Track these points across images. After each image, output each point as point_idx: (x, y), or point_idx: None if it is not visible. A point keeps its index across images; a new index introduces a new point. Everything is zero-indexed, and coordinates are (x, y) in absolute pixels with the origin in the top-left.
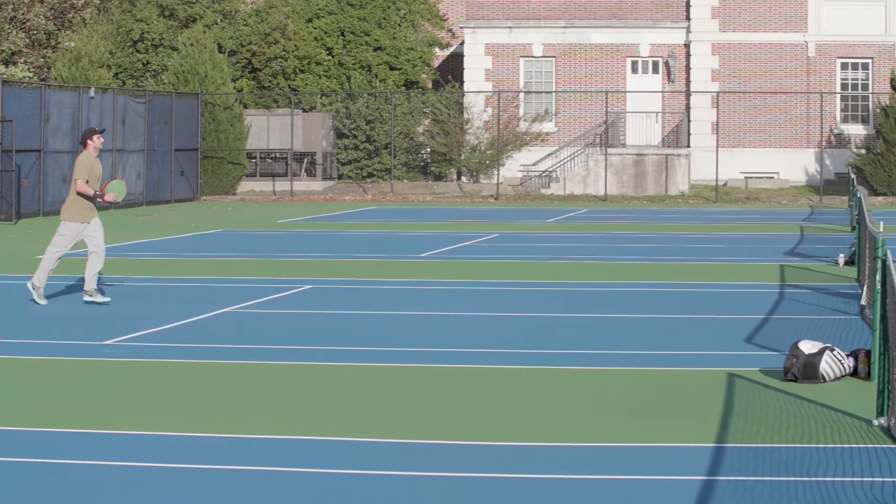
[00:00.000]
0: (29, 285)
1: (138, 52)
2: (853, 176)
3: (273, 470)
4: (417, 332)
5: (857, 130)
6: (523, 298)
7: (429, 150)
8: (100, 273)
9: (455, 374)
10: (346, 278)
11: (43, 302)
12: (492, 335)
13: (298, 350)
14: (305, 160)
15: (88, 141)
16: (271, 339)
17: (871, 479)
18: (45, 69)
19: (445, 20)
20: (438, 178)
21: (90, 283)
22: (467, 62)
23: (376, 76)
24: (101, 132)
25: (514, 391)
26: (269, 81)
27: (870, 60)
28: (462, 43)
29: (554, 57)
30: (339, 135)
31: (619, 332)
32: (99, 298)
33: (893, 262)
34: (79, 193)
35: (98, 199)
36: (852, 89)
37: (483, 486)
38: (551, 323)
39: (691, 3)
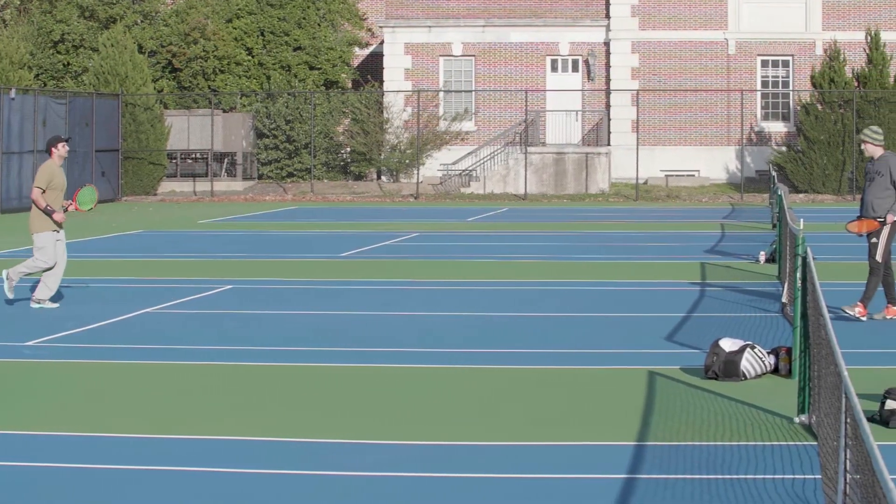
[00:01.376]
0: (33, 304)
1: (59, 52)
2: (774, 173)
3: (185, 470)
4: (337, 331)
5: (777, 128)
6: (443, 297)
7: (349, 149)
8: (31, 275)
9: (375, 373)
10: (267, 278)
11: (10, 295)
12: (412, 334)
13: (219, 350)
14: (226, 160)
15: (53, 149)
16: (192, 340)
17: (792, 476)
18: None
19: (365, 20)
20: (358, 177)
21: (14, 274)
22: (387, 61)
23: (296, 76)
24: (67, 140)
25: (436, 391)
26: (190, 82)
27: (790, 58)
28: (382, 42)
29: (473, 56)
30: (259, 135)
31: (538, 330)
32: (46, 305)
33: (813, 259)
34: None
35: (51, 212)
36: (773, 87)
37: (405, 485)
38: (472, 322)
39: (611, 1)
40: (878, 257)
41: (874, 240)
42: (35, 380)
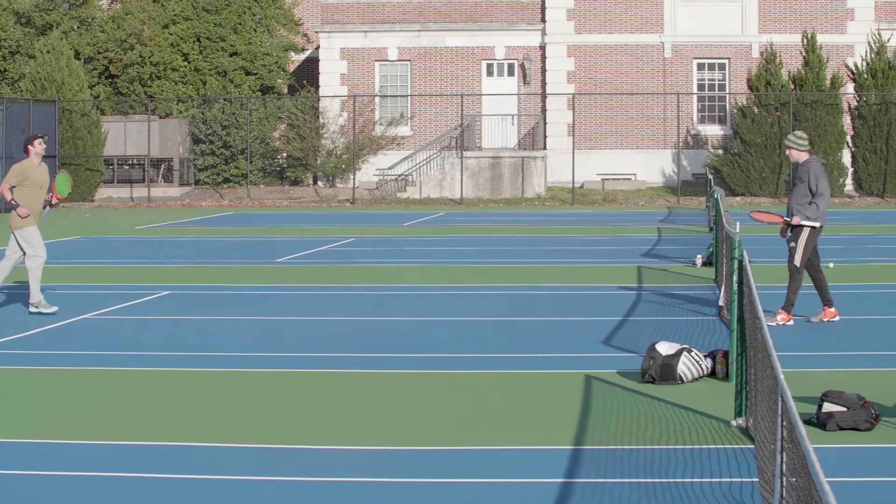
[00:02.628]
0: (31, 308)
1: None
2: (710, 177)
3: (118, 476)
4: (273, 336)
5: (714, 131)
6: (380, 302)
7: (285, 154)
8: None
9: (312, 378)
10: (204, 284)
11: (52, 309)
12: (349, 340)
13: (156, 356)
14: (162, 166)
15: (29, 147)
16: (129, 346)
17: (729, 479)
18: None
19: (300, 25)
20: (295, 182)
21: (35, 298)
22: (323, 67)
23: (232, 81)
24: (43, 137)
25: (372, 395)
26: (127, 88)
27: (726, 61)
28: (317, 47)
29: (409, 60)
30: (196, 140)
31: (475, 335)
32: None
33: (750, 262)
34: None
35: (15, 206)
36: (709, 90)
37: (339, 490)
38: (409, 327)
39: (546, 4)
40: (797, 262)
41: (792, 244)
42: None
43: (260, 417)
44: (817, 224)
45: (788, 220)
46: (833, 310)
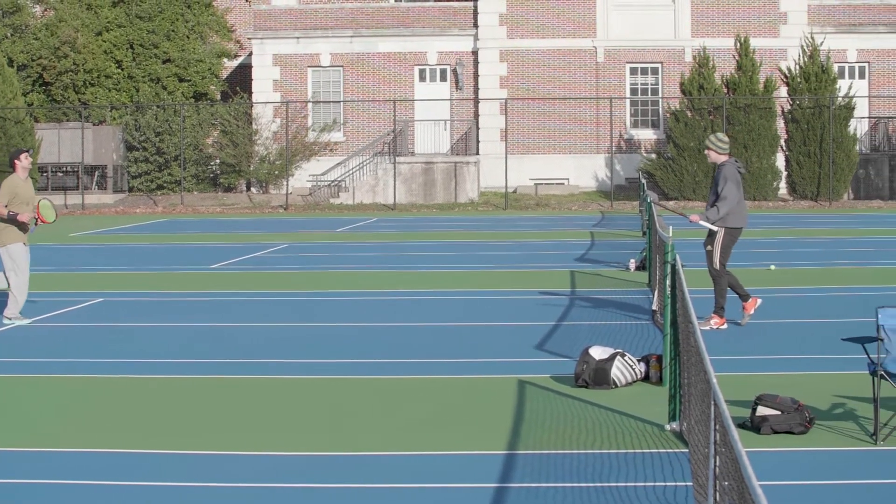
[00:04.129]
0: (4, 320)
1: None
2: (644, 181)
3: (55, 483)
4: (207, 343)
5: (647, 135)
6: (313, 308)
7: (218, 161)
8: None
9: (246, 384)
10: (138, 290)
11: (26, 321)
12: (282, 346)
13: (90, 363)
14: (96, 173)
15: (16, 161)
16: (63, 353)
17: (663, 483)
18: None
19: (233, 31)
20: (228, 189)
21: (11, 312)
22: (255, 73)
23: (165, 88)
24: (28, 151)
25: (305, 401)
26: (60, 95)
27: (659, 65)
28: (250, 54)
29: (342, 66)
30: (130, 147)
31: (408, 340)
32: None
33: (683, 266)
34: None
35: (14, 215)
36: (642, 94)
37: (273, 496)
38: (341, 333)
39: (479, 10)
40: (716, 265)
41: (709, 247)
42: None
43: (192, 424)
44: (713, 226)
45: (686, 215)
46: (751, 301)
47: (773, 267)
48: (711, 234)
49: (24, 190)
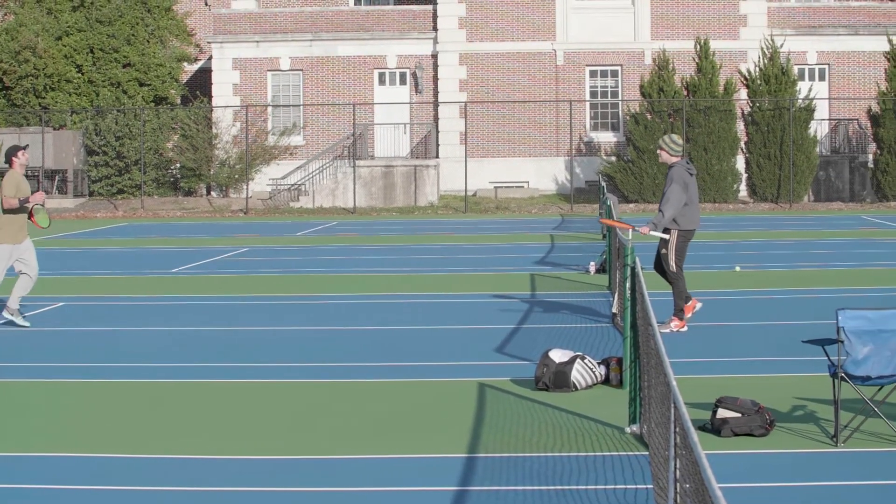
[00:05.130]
0: (4, 313)
1: None
2: (603, 184)
3: (15, 487)
4: (169, 347)
5: (607, 138)
6: (273, 312)
7: (178, 165)
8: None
9: (207, 388)
10: (98, 295)
11: (26, 323)
12: (243, 349)
13: (50, 367)
14: (57, 177)
15: (14, 158)
16: (23, 357)
17: (623, 486)
18: None
19: (193, 35)
20: (188, 193)
21: (14, 303)
22: (215, 77)
23: (125, 92)
24: (25, 148)
25: (265, 405)
26: (21, 99)
27: (619, 68)
28: (210, 58)
29: (301, 70)
30: (90, 152)
31: (368, 343)
32: (19, 320)
33: (643, 269)
34: (6, 211)
35: (25, 200)
36: (602, 97)
37: (236, 499)
38: (301, 336)
39: (438, 13)
40: (672, 267)
41: (663, 251)
42: None
43: (153, 428)
44: (664, 234)
45: (635, 227)
46: (690, 303)
47: (738, 268)
48: (664, 238)
49: (24, 185)
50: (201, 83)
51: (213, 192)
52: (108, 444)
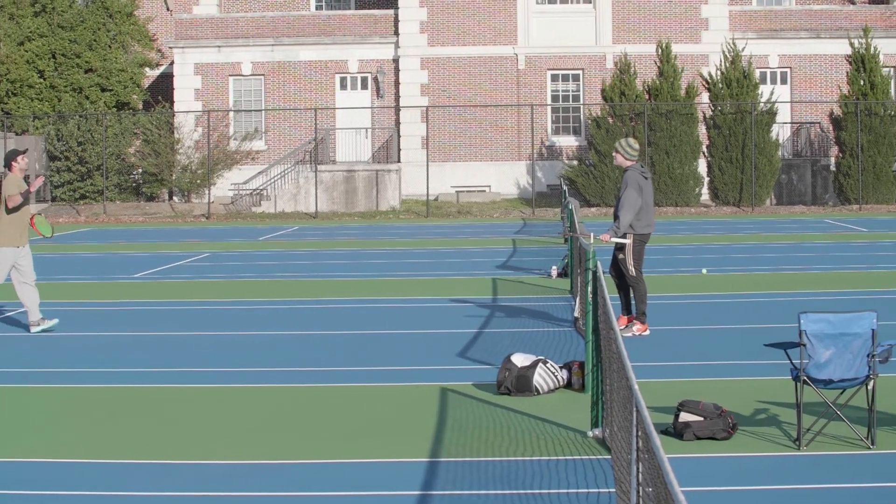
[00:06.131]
0: (33, 330)
1: None
2: (565, 188)
3: None
4: (130, 352)
5: (568, 142)
6: (235, 317)
7: (140, 170)
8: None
9: (170, 393)
10: (60, 300)
11: (52, 322)
12: (206, 355)
13: (12, 373)
14: None
15: (13, 163)
16: None
17: (586, 490)
18: None
19: (155, 41)
20: (150, 198)
21: (34, 315)
22: (177, 82)
23: (87, 98)
24: (24, 152)
25: (227, 410)
26: None
27: (580, 71)
28: (172, 63)
29: (263, 75)
30: (52, 157)
31: (329, 348)
32: (47, 324)
33: (604, 273)
34: (9, 211)
35: (27, 188)
36: (563, 101)
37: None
38: (263, 342)
39: (400, 17)
40: (632, 272)
41: (621, 256)
42: None
43: (118, 434)
44: (624, 239)
45: (596, 235)
46: (626, 318)
47: (705, 271)
48: (622, 242)
49: (23, 189)
50: (163, 88)
51: (175, 197)
52: (76, 451)
